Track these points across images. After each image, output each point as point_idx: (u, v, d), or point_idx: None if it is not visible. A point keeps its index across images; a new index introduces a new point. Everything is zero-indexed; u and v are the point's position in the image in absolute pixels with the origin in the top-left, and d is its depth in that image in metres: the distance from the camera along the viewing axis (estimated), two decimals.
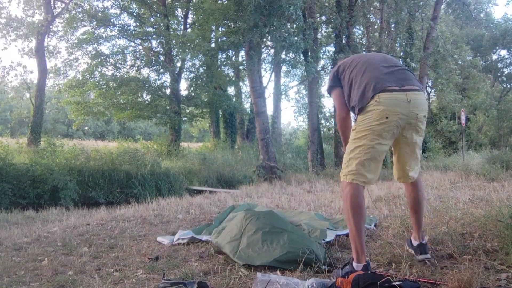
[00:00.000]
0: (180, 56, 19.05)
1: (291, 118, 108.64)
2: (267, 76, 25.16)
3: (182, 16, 20.74)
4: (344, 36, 14.99)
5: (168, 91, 19.32)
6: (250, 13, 10.97)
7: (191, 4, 19.50)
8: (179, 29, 20.48)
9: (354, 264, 2.44)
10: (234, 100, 21.74)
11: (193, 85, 20.53)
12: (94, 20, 18.13)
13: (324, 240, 3.37)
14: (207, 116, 22.62)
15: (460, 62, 21.50)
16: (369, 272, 2.36)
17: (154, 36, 19.43)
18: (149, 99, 19.57)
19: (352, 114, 2.67)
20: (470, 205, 4.65)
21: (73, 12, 18.32)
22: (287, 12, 11.20)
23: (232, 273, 2.83)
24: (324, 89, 27.68)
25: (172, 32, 18.31)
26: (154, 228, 4.79)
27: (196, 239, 3.87)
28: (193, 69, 21.04)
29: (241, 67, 21.62)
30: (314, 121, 14.95)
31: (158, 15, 19.02)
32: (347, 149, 2.51)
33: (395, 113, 2.35)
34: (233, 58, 21.19)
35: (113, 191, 12.37)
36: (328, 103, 29.12)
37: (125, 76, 19.25)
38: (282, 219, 3.40)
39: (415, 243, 2.78)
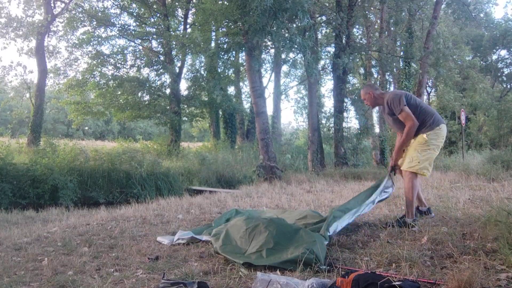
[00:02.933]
0: (180, 57, 19.04)
1: (291, 118, 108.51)
2: (267, 76, 25.17)
3: (182, 16, 20.74)
4: (344, 36, 14.97)
5: (168, 91, 19.32)
6: (257, 16, 10.92)
7: (191, 4, 19.49)
8: (179, 29, 20.48)
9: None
10: (234, 100, 21.72)
11: (194, 85, 20.51)
12: (94, 20, 18.12)
13: (329, 233, 3.35)
14: (207, 116, 22.61)
15: (459, 62, 21.50)
16: (370, 273, 2.37)
17: (154, 36, 19.43)
18: (148, 99, 19.57)
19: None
20: (470, 205, 4.65)
21: (73, 12, 18.31)
22: (300, 14, 11.18)
23: (232, 273, 2.83)
24: (324, 89, 27.75)
25: (172, 33, 18.30)
26: (154, 228, 4.78)
27: (196, 239, 3.87)
28: (192, 69, 21.03)
29: (241, 68, 21.60)
30: (314, 121, 14.95)
31: (158, 15, 19.01)
32: (419, 151, 3.86)
33: (445, 136, 4.00)
34: (233, 59, 21.15)
35: (113, 191, 12.35)
36: (328, 103, 29.12)
37: (125, 76, 19.24)
38: (286, 230, 3.27)
39: (424, 209, 4.18)
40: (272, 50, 21.21)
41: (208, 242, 3.75)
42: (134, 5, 20.00)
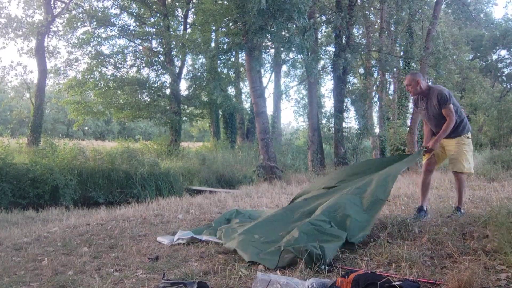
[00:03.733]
0: (180, 57, 19.02)
1: (291, 118, 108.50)
2: (267, 76, 25.13)
3: (182, 16, 20.73)
4: (344, 36, 14.97)
5: (168, 91, 19.32)
6: (254, 16, 10.93)
7: (191, 4, 19.48)
8: (179, 29, 20.47)
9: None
10: (234, 100, 21.71)
11: (194, 85, 20.51)
12: (94, 20, 18.11)
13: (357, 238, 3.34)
14: (207, 116, 22.60)
15: (458, 62, 21.51)
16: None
17: (154, 36, 19.42)
18: (148, 99, 19.56)
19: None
20: (470, 205, 4.66)
21: (73, 12, 18.30)
22: (295, 16, 11.18)
23: (232, 273, 2.83)
24: (324, 89, 27.73)
25: (172, 33, 18.28)
26: (154, 228, 4.78)
27: (196, 239, 3.87)
28: (192, 70, 21.01)
29: (241, 68, 21.59)
30: (314, 121, 14.94)
31: (158, 15, 19.00)
32: (468, 153, 4.23)
33: None
34: (233, 59, 21.15)
35: (113, 191, 12.34)
36: (328, 103, 29.05)
37: (125, 76, 19.23)
38: (313, 228, 3.31)
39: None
40: (272, 50, 21.22)
41: (208, 242, 3.75)
42: (134, 5, 19.98)
